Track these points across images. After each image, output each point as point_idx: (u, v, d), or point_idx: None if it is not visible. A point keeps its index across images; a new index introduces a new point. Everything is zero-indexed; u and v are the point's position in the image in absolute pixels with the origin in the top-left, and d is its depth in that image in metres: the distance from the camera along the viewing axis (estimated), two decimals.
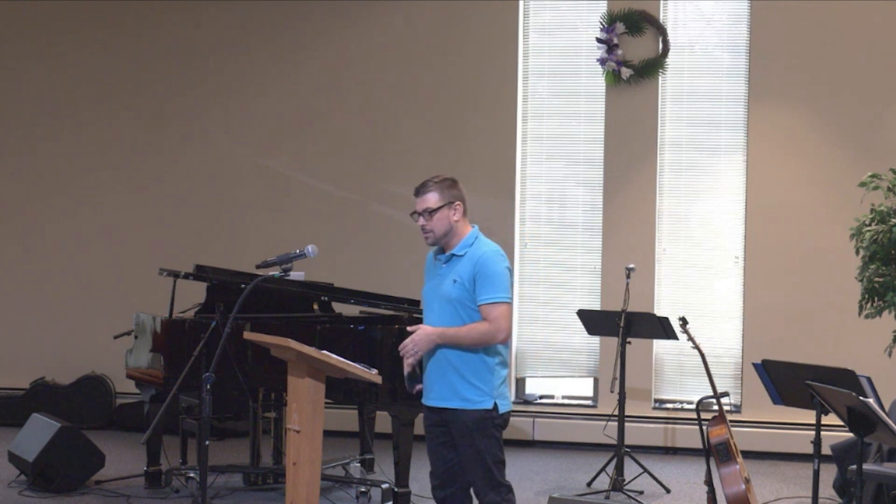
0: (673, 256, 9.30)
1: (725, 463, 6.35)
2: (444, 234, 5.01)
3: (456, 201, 5.02)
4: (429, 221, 5.00)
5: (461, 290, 4.94)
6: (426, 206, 5.00)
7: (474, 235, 5.06)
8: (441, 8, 9.60)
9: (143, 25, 10.04)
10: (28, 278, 10.19)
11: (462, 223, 5.04)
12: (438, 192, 5.00)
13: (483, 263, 4.93)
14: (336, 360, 5.16)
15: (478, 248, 5.00)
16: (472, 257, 4.97)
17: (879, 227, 6.83)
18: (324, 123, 9.80)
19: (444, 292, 4.98)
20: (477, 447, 4.95)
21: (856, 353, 7.91)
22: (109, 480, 7.59)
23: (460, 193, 5.06)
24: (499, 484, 4.99)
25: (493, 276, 4.92)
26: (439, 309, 5.00)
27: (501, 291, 4.93)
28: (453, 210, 5.01)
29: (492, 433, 4.97)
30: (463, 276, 4.94)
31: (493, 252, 5.00)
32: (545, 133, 9.53)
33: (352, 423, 8.27)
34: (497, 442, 5.00)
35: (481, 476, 4.99)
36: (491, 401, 4.96)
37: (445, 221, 4.99)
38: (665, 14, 9.24)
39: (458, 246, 5.01)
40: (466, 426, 4.95)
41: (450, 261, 5.02)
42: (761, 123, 9.09)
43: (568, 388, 9.65)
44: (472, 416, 4.94)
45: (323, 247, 5.75)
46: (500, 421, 5.00)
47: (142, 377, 7.50)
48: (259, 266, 5.53)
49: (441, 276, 5.03)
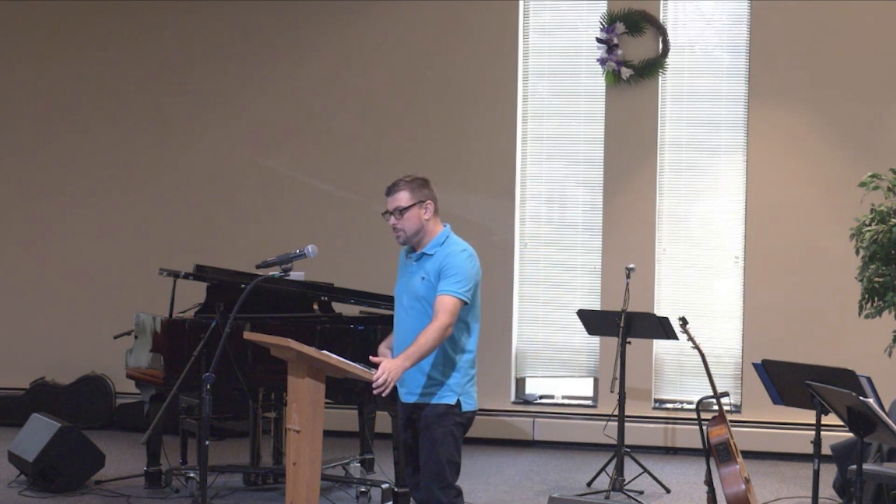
0: (673, 256, 9.30)
1: (725, 463, 6.35)
2: (414, 232, 5.04)
3: (427, 200, 5.04)
4: (399, 220, 5.03)
5: (428, 287, 4.98)
6: (397, 205, 5.03)
7: (445, 234, 5.08)
8: (441, 8, 9.60)
9: (143, 26, 10.04)
10: (28, 278, 10.19)
11: (433, 222, 5.07)
12: (409, 191, 5.03)
13: (447, 259, 4.97)
14: (336, 360, 5.15)
15: (447, 246, 5.03)
16: (440, 255, 5.00)
17: (879, 227, 6.83)
18: (324, 123, 9.80)
19: (413, 290, 5.03)
20: (433, 441, 4.96)
21: (856, 353, 7.90)
22: (109, 480, 7.59)
23: (431, 193, 5.08)
24: (448, 485, 4.98)
25: (453, 270, 4.94)
26: (409, 306, 5.04)
27: (456, 286, 4.91)
28: (424, 209, 5.03)
29: (450, 430, 4.97)
30: (430, 274, 4.98)
31: (461, 251, 5.02)
32: (545, 133, 9.53)
33: (352, 423, 8.28)
34: (454, 441, 4.98)
35: (431, 473, 4.98)
36: (454, 397, 4.98)
37: (416, 220, 5.02)
38: (665, 14, 9.24)
39: (428, 245, 5.05)
40: (426, 419, 4.99)
41: (420, 259, 5.06)
42: (761, 123, 9.09)
43: (568, 388, 9.65)
44: (435, 410, 4.97)
45: (323, 247, 5.74)
46: (461, 419, 5.01)
47: (142, 377, 7.50)
48: (259, 266, 5.53)
49: (411, 274, 5.07)
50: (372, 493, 7.19)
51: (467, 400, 5.04)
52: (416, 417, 5.07)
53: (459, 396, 5.00)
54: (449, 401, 4.99)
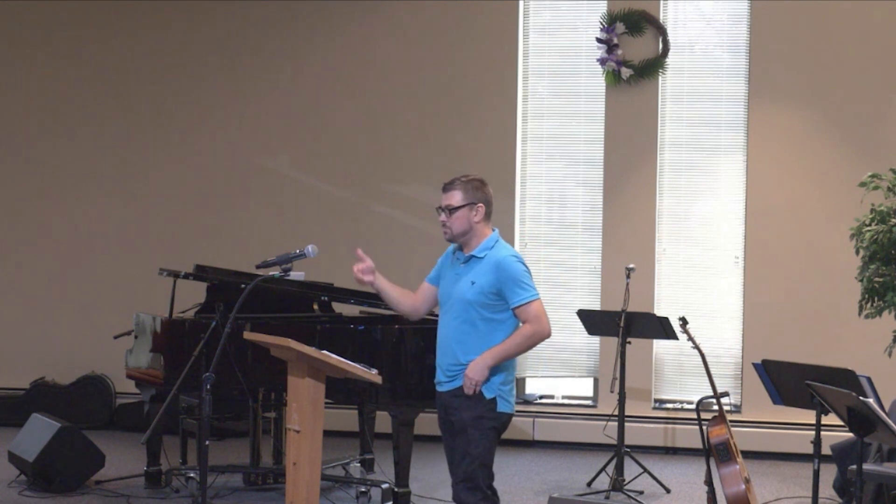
0: (673, 256, 9.30)
1: (725, 463, 6.35)
2: (461, 233, 5.10)
3: (479, 203, 5.11)
4: (448, 218, 5.09)
5: (478, 293, 5.02)
6: (448, 203, 5.10)
7: (494, 239, 5.15)
8: (441, 8, 9.60)
9: (143, 25, 10.04)
10: (28, 278, 10.19)
11: (483, 225, 5.13)
12: (463, 192, 5.10)
13: (503, 269, 5.04)
14: (336, 360, 5.16)
15: (497, 251, 5.10)
16: (491, 261, 5.05)
17: (879, 227, 6.83)
18: (324, 123, 9.80)
19: (460, 292, 5.06)
20: (468, 441, 4.99)
21: (856, 353, 7.91)
22: (109, 480, 7.59)
23: (486, 196, 5.16)
24: (476, 487, 5.00)
25: (516, 277, 5.05)
26: (457, 307, 5.07)
27: (530, 290, 5.07)
28: (475, 211, 5.10)
29: (486, 432, 5.01)
30: (481, 281, 5.03)
31: (511, 255, 5.11)
32: (545, 133, 9.53)
33: (352, 423, 8.28)
34: (489, 443, 5.03)
35: (462, 473, 5.01)
36: (492, 393, 5.02)
37: (465, 221, 5.09)
38: (665, 14, 9.24)
39: (478, 248, 5.11)
40: (463, 421, 5.00)
41: (468, 261, 5.11)
42: (761, 123, 9.09)
43: (568, 388, 9.65)
44: (474, 410, 4.99)
45: (323, 247, 5.74)
46: (497, 423, 5.04)
47: (142, 377, 7.50)
48: (259, 266, 5.53)
49: (458, 276, 5.12)
50: (372, 493, 7.18)
51: (504, 401, 5.08)
52: (452, 413, 5.06)
53: (497, 395, 5.04)
54: (486, 395, 5.01)
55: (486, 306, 5.03)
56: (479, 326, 5.03)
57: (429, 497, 7.38)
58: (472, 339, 5.03)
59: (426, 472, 8.02)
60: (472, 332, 5.03)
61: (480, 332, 5.03)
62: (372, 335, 6.81)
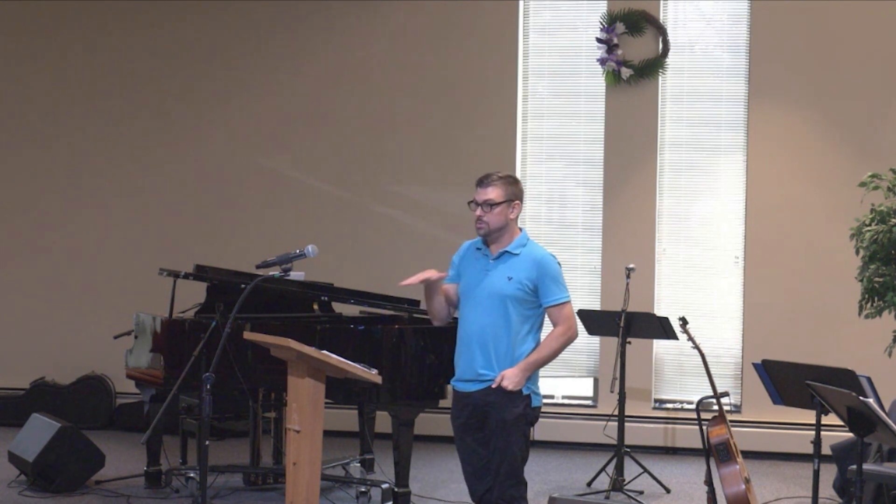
0: (673, 256, 9.30)
1: (725, 463, 6.35)
2: (497, 229, 5.15)
3: (516, 200, 5.17)
4: (486, 213, 5.13)
5: (518, 287, 5.09)
6: (488, 199, 5.14)
7: (526, 237, 5.24)
8: (441, 8, 9.60)
9: (143, 25, 10.04)
10: (28, 278, 10.18)
11: (514, 223, 5.21)
12: (503, 188, 5.15)
13: (543, 266, 5.12)
14: (336, 360, 5.16)
15: (533, 249, 5.18)
16: (529, 258, 5.13)
17: (879, 227, 6.84)
18: (324, 123, 9.80)
19: (494, 287, 5.10)
20: (509, 441, 5.12)
21: (856, 353, 7.91)
22: (109, 480, 7.58)
23: (521, 193, 5.24)
24: (520, 481, 5.18)
25: (555, 276, 5.14)
26: (486, 303, 5.11)
27: (565, 291, 5.16)
28: (512, 208, 5.16)
29: (524, 430, 5.18)
30: (520, 276, 5.10)
31: (549, 254, 5.22)
32: (545, 133, 9.53)
33: (352, 423, 8.27)
34: (526, 439, 5.21)
35: (507, 471, 5.15)
36: (527, 389, 5.14)
37: (502, 217, 5.14)
38: (665, 14, 9.24)
39: (512, 244, 5.17)
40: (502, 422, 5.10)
41: (501, 257, 5.15)
42: (761, 123, 9.09)
43: (568, 388, 9.64)
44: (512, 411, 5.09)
45: (323, 247, 5.75)
46: (531, 418, 5.20)
47: (142, 377, 7.50)
48: (259, 266, 5.53)
49: (486, 271, 5.15)
50: (372, 493, 7.18)
51: (536, 396, 5.22)
52: (488, 414, 5.12)
53: (531, 392, 5.17)
54: (523, 391, 5.11)
55: (523, 302, 5.10)
56: (512, 321, 5.08)
57: (429, 497, 7.37)
58: (506, 338, 5.09)
59: (426, 472, 8.02)
60: (506, 329, 5.08)
61: (513, 329, 5.09)
62: (372, 335, 6.81)
